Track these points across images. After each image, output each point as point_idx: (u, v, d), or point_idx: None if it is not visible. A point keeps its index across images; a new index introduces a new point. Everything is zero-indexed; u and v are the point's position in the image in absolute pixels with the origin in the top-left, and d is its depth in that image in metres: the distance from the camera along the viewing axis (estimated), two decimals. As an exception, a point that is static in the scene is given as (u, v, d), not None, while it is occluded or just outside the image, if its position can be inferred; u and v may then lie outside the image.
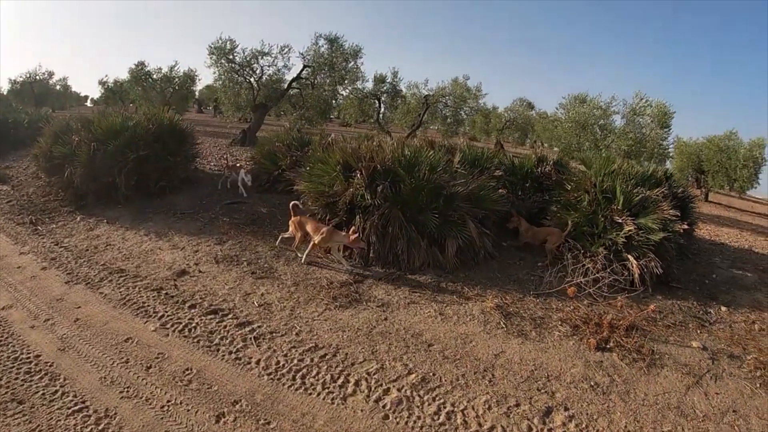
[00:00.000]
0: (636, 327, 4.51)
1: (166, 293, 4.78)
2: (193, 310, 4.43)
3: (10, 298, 4.59)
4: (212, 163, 10.98)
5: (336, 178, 5.98)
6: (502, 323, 4.48)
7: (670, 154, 14.25)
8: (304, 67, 15.19)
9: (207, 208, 7.59)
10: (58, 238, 6.31)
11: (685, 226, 5.71)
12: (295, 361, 3.68)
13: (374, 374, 3.59)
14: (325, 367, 3.64)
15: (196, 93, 28.20)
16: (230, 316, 4.36)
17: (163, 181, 8.03)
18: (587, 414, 3.36)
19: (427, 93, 19.88)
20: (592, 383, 3.71)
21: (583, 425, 3.25)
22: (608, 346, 4.19)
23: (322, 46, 14.94)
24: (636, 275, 5.19)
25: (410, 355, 3.89)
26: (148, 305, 4.51)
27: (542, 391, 3.59)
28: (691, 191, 7.72)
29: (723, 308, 5.20)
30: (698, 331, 4.64)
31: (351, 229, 5.38)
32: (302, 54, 15.00)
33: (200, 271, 5.34)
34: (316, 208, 6.19)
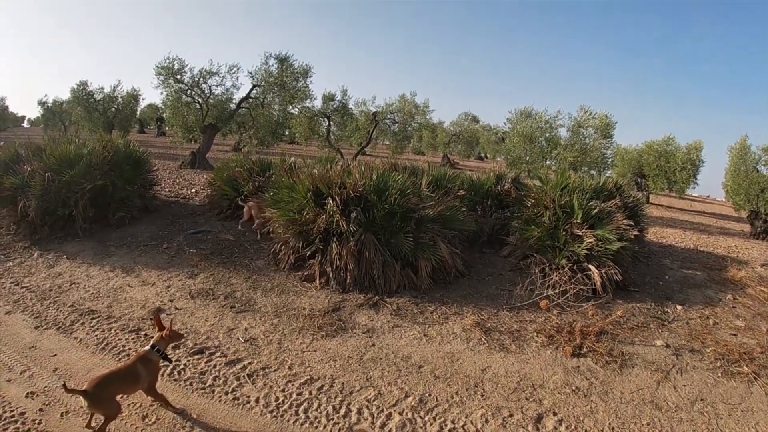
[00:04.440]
0: (605, 332, 4.89)
1: (146, 334, 4.64)
2: (177, 351, 4.33)
3: (-22, 350, 4.29)
4: (166, 189, 10.64)
5: (306, 205, 6.01)
6: (483, 339, 4.71)
7: (612, 163, 15.21)
8: (254, 86, 15.11)
9: (170, 238, 7.39)
10: (17, 277, 5.94)
11: (636, 233, 6.22)
12: (294, 396, 3.72)
13: (374, 401, 3.70)
14: (325, 398, 3.71)
15: (138, 112, 27.27)
16: (218, 354, 4.31)
17: (121, 211, 7.74)
18: (574, 416, 3.66)
19: (375, 110, 20.27)
20: (574, 388, 4.01)
21: (573, 427, 3.54)
22: (582, 352, 4.53)
23: (272, 65, 14.93)
24: (598, 283, 5.60)
25: (404, 378, 4.03)
26: (129, 348, 4.36)
27: (530, 399, 3.85)
28: (634, 194, 8.35)
29: (679, 307, 5.71)
30: (660, 330, 5.09)
31: None
32: (251, 73, 14.96)
33: (177, 308, 5.22)
34: (288, 235, 6.17)
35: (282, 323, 4.92)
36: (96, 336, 4.59)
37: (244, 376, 3.97)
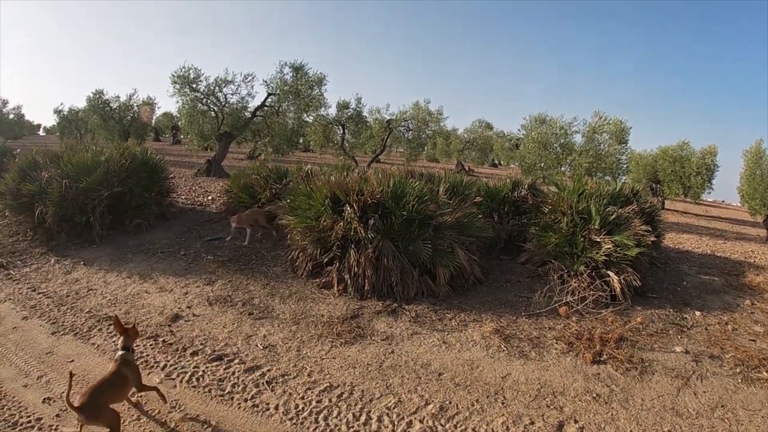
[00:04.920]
0: (624, 338, 4.84)
1: (164, 340, 4.66)
2: (196, 358, 4.35)
3: (-4, 354, 4.34)
4: (183, 197, 10.75)
5: (323, 212, 6.02)
6: (502, 346, 4.68)
7: (627, 168, 15.06)
8: (269, 95, 15.22)
9: (187, 245, 7.45)
10: (34, 283, 6.02)
11: (654, 239, 6.15)
12: (314, 403, 3.71)
13: (394, 408, 3.69)
14: (345, 406, 3.70)
15: (153, 121, 27.69)
16: (236, 361, 4.32)
17: (138, 218, 7.83)
18: (595, 423, 3.62)
19: (389, 117, 20.35)
20: (594, 395, 3.97)
21: (594, 435, 3.49)
22: (602, 359, 4.48)
23: (287, 73, 15.04)
24: (618, 289, 5.53)
25: (423, 386, 4.01)
26: (147, 355, 4.38)
27: (551, 407, 3.81)
28: (650, 200, 8.28)
29: (697, 313, 5.64)
30: (679, 337, 5.03)
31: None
32: (266, 82, 15.06)
33: (195, 315, 5.24)
34: (306, 242, 6.18)
35: (300, 330, 4.92)
36: (113, 342, 4.59)
37: (263, 383, 3.98)
